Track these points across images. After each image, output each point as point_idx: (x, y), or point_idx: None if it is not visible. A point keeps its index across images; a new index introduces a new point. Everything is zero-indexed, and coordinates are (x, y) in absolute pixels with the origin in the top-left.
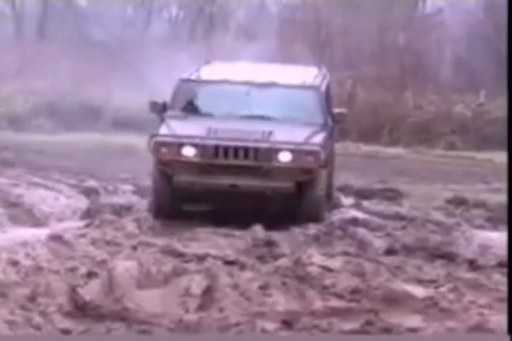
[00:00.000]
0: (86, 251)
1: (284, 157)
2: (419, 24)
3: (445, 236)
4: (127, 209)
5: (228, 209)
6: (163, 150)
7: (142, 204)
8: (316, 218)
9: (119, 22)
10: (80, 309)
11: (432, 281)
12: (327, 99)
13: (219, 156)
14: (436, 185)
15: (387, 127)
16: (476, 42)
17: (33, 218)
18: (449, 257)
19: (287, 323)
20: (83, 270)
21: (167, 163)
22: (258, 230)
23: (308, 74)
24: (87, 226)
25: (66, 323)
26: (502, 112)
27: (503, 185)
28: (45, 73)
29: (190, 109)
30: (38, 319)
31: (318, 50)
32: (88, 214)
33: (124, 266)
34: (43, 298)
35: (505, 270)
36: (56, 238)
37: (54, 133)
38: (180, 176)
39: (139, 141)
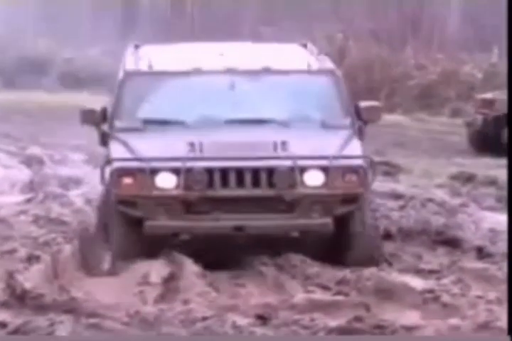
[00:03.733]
0: (27, 230)
1: (314, 179)
2: None
3: (449, 218)
4: (76, 181)
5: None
6: (127, 181)
7: (95, 175)
8: None
9: None
10: (19, 298)
11: (433, 272)
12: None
13: (214, 185)
14: (440, 159)
15: (383, 90)
16: None
17: None
18: (454, 243)
19: (262, 318)
20: (23, 253)
21: (133, 201)
22: None
23: (303, 54)
24: (29, 201)
25: (2, 315)
26: None
27: None
28: None
29: (148, 116)
30: None
31: None
32: (30, 187)
33: (72, 249)
34: None
35: None
36: None
37: None
38: (156, 220)
39: (93, 101)
